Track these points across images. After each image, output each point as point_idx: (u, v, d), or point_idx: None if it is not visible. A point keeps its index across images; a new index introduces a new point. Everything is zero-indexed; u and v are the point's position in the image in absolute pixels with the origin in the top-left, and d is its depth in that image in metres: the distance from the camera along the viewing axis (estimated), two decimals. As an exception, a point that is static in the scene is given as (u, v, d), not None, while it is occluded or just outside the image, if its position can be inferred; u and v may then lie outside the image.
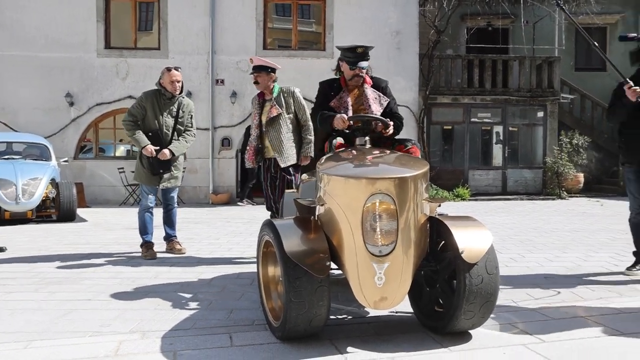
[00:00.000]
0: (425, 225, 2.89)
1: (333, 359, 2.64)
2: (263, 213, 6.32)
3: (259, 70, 5.20)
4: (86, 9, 13.37)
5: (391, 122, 3.69)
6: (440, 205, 3.23)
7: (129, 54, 13.62)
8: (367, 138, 3.62)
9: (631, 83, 4.12)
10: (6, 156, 9.74)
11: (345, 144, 3.66)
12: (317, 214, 3.07)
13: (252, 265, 4.93)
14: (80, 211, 10.16)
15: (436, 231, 2.96)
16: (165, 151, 5.51)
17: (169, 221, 5.87)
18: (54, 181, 9.42)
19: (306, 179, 4.20)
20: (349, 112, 3.85)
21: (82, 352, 2.76)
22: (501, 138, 15.26)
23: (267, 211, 5.42)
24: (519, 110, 15.30)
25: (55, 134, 13.23)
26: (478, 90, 15.00)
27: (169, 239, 5.88)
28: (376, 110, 3.85)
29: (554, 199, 14.17)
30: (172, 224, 5.88)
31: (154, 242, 5.69)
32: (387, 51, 13.69)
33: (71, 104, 13.37)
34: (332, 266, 2.80)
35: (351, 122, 3.68)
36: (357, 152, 3.43)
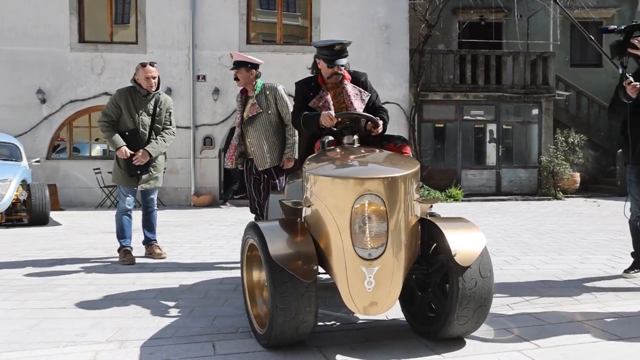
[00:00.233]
0: (416, 227, 2.84)
1: (322, 367, 2.58)
2: (247, 215, 6.22)
3: (239, 66, 5.07)
4: (57, 0, 13.00)
5: (381, 122, 3.59)
6: (432, 207, 3.19)
7: (104, 48, 13.30)
8: (356, 137, 3.54)
9: (631, 79, 4.01)
10: (-27, 157, 9.47)
11: (333, 142, 3.57)
12: (303, 215, 3.00)
13: (236, 270, 4.86)
14: (53, 214, 9.95)
15: (428, 233, 2.91)
16: (140, 156, 5.37)
17: (148, 224, 5.74)
18: (24, 183, 9.17)
19: (292, 180, 4.10)
20: (332, 112, 3.74)
21: (56, 364, 2.65)
22: (495, 136, 15.14)
23: (252, 214, 5.31)
24: (513, 107, 15.19)
25: (26, 132, 12.86)
26: (471, 86, 14.83)
27: (149, 243, 5.76)
28: (358, 107, 3.75)
29: (549, 199, 14.03)
30: (151, 227, 5.75)
31: (132, 247, 5.56)
32: (375, 46, 13.60)
33: (43, 101, 12.99)
34: (319, 270, 2.75)
35: (339, 119, 3.57)
36: (345, 151, 3.36)
